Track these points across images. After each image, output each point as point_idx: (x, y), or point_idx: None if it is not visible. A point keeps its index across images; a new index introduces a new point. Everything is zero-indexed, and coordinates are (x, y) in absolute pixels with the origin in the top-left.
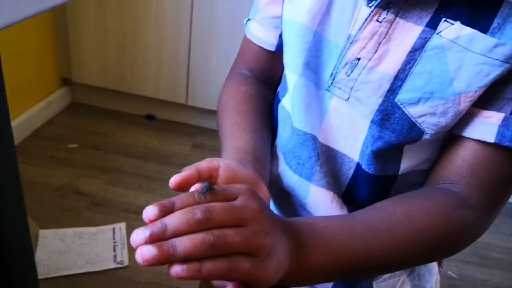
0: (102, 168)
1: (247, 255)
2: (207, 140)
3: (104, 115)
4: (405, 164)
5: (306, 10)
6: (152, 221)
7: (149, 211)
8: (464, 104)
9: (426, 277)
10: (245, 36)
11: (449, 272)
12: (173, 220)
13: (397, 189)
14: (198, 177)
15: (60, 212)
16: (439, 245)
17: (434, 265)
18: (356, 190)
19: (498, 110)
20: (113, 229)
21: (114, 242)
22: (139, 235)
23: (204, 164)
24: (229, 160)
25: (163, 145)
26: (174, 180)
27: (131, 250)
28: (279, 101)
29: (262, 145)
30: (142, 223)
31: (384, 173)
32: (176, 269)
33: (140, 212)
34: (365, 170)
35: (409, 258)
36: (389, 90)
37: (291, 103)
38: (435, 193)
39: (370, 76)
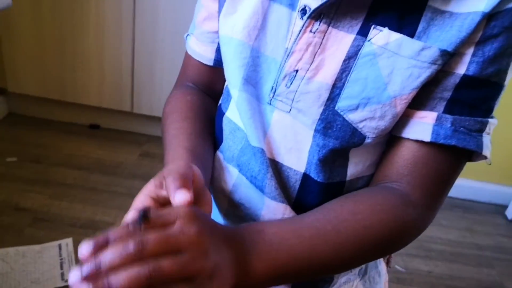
0: (44, 181)
1: (187, 281)
2: (155, 148)
3: (45, 126)
4: (352, 169)
5: (242, 26)
6: (86, 259)
7: (83, 249)
8: (400, 106)
9: (376, 279)
10: (186, 52)
11: (396, 266)
12: (106, 256)
13: None
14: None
15: (0, 231)
16: (385, 240)
17: (382, 267)
18: (306, 200)
19: (431, 109)
20: (59, 246)
21: (61, 259)
22: (76, 275)
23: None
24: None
25: (109, 155)
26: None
27: None
28: (223, 113)
29: (207, 154)
30: (90, 237)
31: (332, 180)
32: None
33: (87, 226)
34: (314, 178)
35: (357, 256)
36: (328, 99)
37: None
38: (380, 191)
39: (309, 86)
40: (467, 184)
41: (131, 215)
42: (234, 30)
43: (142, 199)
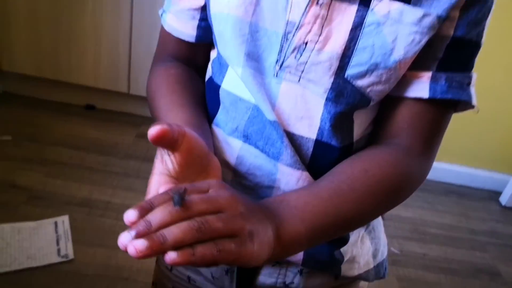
0: (39, 160)
1: (231, 238)
2: None
3: (40, 106)
4: (357, 130)
5: (238, 2)
6: (134, 223)
7: (130, 214)
8: (403, 69)
9: (378, 228)
10: (162, 28)
11: (391, 249)
12: (156, 215)
13: None
14: (171, 137)
15: None
16: (394, 191)
17: (379, 218)
18: (320, 165)
19: (427, 69)
20: (55, 223)
21: (57, 236)
22: (126, 236)
23: (175, 127)
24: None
25: (104, 136)
26: (153, 131)
27: (76, 243)
28: (218, 86)
29: (204, 124)
30: (86, 215)
31: (343, 143)
32: (171, 255)
33: (84, 204)
34: (328, 143)
35: (374, 208)
36: (338, 68)
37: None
38: (383, 148)
39: (320, 57)
40: (463, 170)
41: (151, 197)
42: (230, 7)
43: (156, 179)
